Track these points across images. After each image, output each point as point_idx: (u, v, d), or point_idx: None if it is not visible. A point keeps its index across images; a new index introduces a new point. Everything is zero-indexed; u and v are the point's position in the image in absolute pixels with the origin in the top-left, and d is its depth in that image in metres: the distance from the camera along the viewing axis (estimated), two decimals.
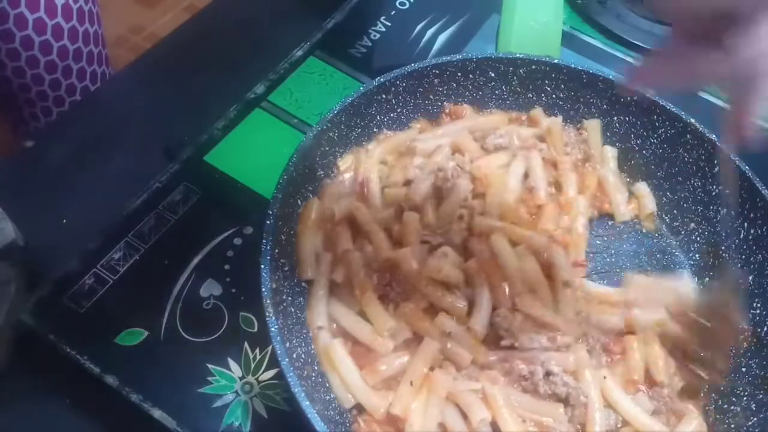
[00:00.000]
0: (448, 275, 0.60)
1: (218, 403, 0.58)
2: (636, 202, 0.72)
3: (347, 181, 0.68)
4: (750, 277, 0.65)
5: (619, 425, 0.58)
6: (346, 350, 0.57)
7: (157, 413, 0.56)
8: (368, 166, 0.68)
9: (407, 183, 0.68)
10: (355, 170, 0.69)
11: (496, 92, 0.74)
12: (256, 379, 0.59)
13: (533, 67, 0.72)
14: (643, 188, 0.72)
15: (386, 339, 0.58)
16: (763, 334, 0.62)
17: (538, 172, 0.70)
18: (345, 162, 0.69)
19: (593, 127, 0.74)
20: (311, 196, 0.66)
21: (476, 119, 0.74)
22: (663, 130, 0.71)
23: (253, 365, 0.60)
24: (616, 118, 0.73)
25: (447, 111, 0.74)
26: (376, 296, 0.59)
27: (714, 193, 0.68)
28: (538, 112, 0.75)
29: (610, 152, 0.74)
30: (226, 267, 0.65)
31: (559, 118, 0.74)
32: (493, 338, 0.59)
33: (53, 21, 0.87)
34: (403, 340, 0.58)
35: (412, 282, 0.60)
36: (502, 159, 0.70)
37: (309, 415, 0.49)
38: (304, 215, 0.63)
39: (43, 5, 0.85)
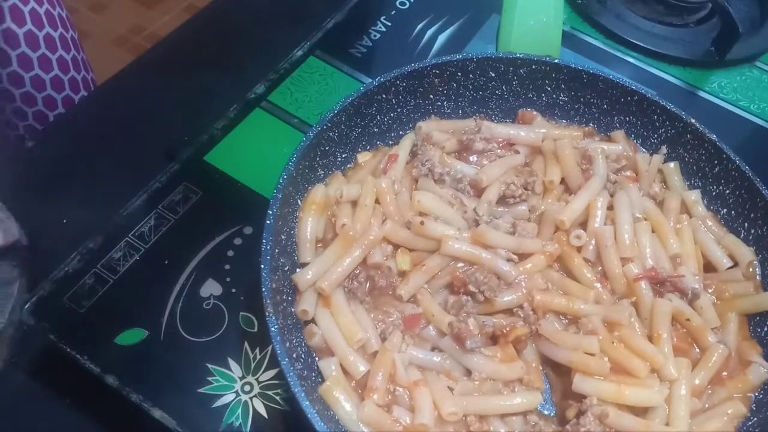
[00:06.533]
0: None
1: (218, 403, 0.58)
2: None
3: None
4: None
5: None
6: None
7: (157, 413, 0.56)
8: (405, 146, 0.68)
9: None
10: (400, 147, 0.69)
11: (497, 92, 0.74)
12: (256, 379, 0.59)
13: (533, 67, 0.72)
14: (732, 240, 0.66)
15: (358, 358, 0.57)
16: (763, 335, 0.62)
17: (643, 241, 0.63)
18: (364, 156, 0.69)
19: (672, 171, 0.70)
20: None
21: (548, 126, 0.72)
22: (663, 130, 0.70)
23: (253, 365, 0.60)
24: (616, 118, 0.72)
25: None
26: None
27: (714, 193, 0.68)
28: (619, 134, 0.71)
29: (695, 196, 0.68)
30: (226, 267, 0.65)
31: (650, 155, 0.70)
32: None
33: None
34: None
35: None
36: (582, 201, 0.65)
37: (309, 415, 0.49)
38: (308, 200, 0.63)
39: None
